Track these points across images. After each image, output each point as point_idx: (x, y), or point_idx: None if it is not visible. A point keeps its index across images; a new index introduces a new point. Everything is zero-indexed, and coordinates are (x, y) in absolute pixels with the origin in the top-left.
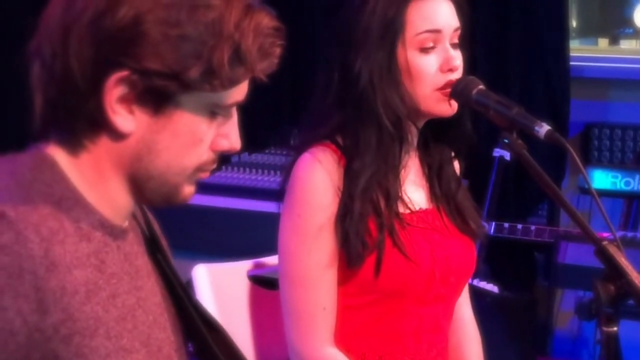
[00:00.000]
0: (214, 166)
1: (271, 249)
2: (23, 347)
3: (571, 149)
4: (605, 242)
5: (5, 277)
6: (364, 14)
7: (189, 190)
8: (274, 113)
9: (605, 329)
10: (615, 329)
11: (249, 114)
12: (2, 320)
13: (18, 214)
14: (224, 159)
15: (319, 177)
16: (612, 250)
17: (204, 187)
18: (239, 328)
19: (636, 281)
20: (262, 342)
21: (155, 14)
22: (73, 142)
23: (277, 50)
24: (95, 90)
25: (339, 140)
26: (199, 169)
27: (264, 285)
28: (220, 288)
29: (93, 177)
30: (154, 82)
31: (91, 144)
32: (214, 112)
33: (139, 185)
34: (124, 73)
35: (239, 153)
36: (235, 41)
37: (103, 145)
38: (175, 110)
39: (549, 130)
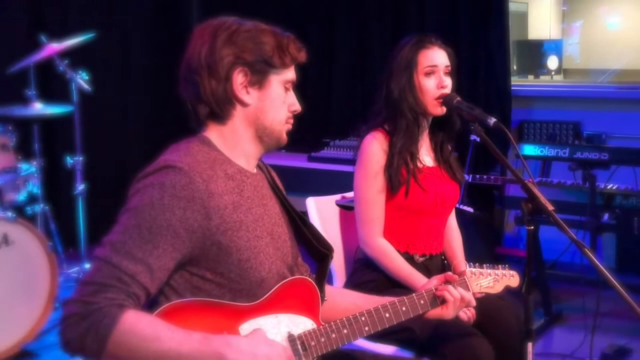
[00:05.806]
0: (292, 122)
1: (348, 189)
2: (200, 239)
3: (508, 132)
4: (527, 181)
5: (186, 201)
6: (397, 56)
7: (284, 136)
8: (351, 115)
9: (527, 228)
10: (532, 227)
11: (338, 117)
12: (188, 224)
13: (190, 168)
14: (325, 144)
15: (375, 146)
16: (530, 185)
17: (319, 160)
18: (332, 232)
19: (543, 201)
20: (344, 239)
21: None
22: (222, 119)
23: (303, 51)
24: (228, 84)
25: (386, 127)
26: (287, 121)
27: (345, 208)
28: (322, 211)
29: (234, 140)
30: (256, 67)
31: (231, 117)
32: (285, 87)
33: (260, 134)
34: (239, 68)
35: (333, 139)
36: (284, 44)
37: (237, 115)
38: (269, 86)
39: (495, 122)
